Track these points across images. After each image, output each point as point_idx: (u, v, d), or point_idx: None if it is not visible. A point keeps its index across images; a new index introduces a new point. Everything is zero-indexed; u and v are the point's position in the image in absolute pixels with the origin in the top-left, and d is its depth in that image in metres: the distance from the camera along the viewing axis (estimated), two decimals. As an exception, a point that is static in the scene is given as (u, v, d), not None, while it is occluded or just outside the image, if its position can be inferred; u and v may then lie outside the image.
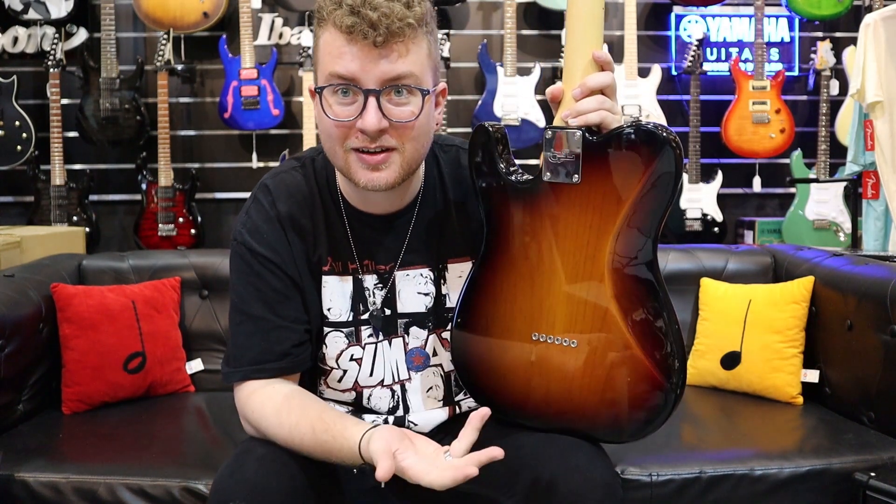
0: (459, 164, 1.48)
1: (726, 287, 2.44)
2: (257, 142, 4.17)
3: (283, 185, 1.43)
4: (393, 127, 1.27)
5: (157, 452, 1.90)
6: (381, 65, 1.23)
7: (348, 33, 1.22)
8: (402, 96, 1.26)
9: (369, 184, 1.30)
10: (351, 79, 1.24)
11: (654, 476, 1.80)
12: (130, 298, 2.28)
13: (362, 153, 1.28)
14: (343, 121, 1.27)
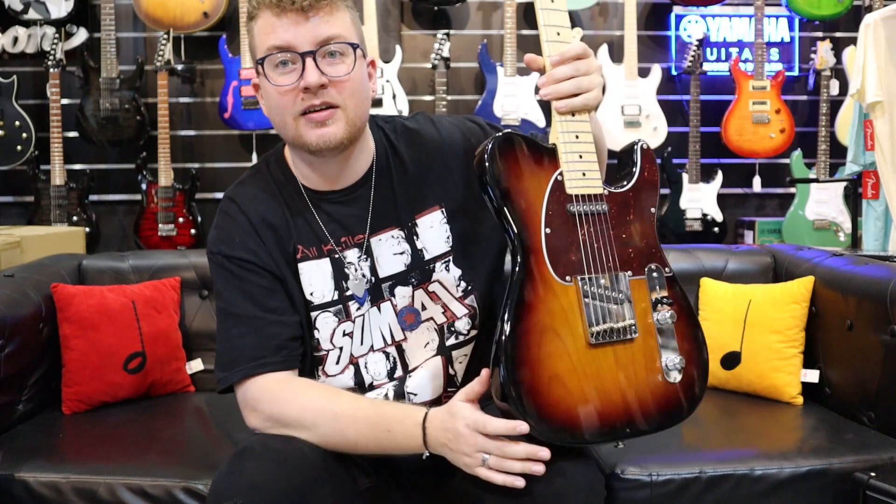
0: (406, 128, 1.55)
1: (726, 287, 2.44)
2: (257, 142, 4.17)
3: (244, 191, 1.50)
4: (332, 84, 1.36)
5: (157, 452, 1.90)
6: (312, 27, 1.34)
7: (277, 7, 1.34)
8: (336, 57, 1.37)
9: (319, 141, 1.38)
10: (287, 47, 1.35)
11: (654, 476, 1.80)
12: (130, 298, 2.28)
13: (309, 113, 1.37)
14: (287, 86, 1.36)
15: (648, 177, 1.43)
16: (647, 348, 1.35)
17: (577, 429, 1.28)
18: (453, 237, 1.52)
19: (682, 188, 4.16)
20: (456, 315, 1.53)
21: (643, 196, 1.42)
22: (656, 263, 1.41)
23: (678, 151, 4.17)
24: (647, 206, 1.41)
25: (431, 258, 1.52)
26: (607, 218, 1.38)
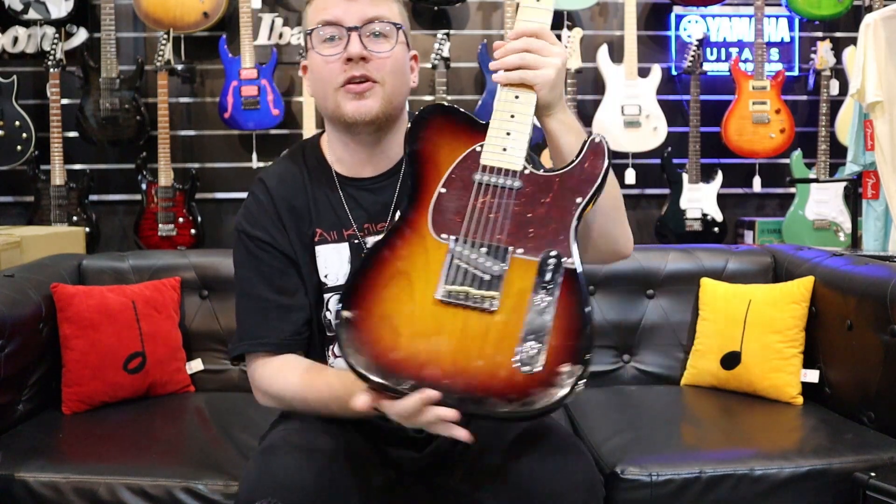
0: None
1: (726, 287, 2.44)
2: (257, 142, 4.17)
3: (275, 174, 1.57)
4: (372, 59, 1.44)
5: (157, 452, 1.90)
6: (360, 6, 1.44)
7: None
8: (379, 37, 1.45)
9: (356, 112, 1.44)
10: (335, 21, 1.44)
11: (654, 476, 1.80)
12: (130, 298, 2.28)
13: (349, 84, 1.44)
14: (331, 55, 1.45)
15: (587, 168, 1.34)
16: (506, 328, 1.22)
17: (391, 374, 1.19)
18: None
19: (682, 188, 4.15)
20: None
21: (572, 185, 1.33)
22: (559, 251, 1.28)
23: (678, 151, 4.17)
24: (572, 196, 1.31)
25: None
26: (515, 194, 1.33)
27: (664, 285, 2.54)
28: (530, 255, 1.27)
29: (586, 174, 1.35)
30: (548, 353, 1.19)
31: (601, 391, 2.39)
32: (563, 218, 1.30)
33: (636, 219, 4.43)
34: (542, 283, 1.25)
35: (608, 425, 2.07)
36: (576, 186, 1.33)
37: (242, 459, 1.82)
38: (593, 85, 4.26)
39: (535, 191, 1.34)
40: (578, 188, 1.33)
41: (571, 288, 1.24)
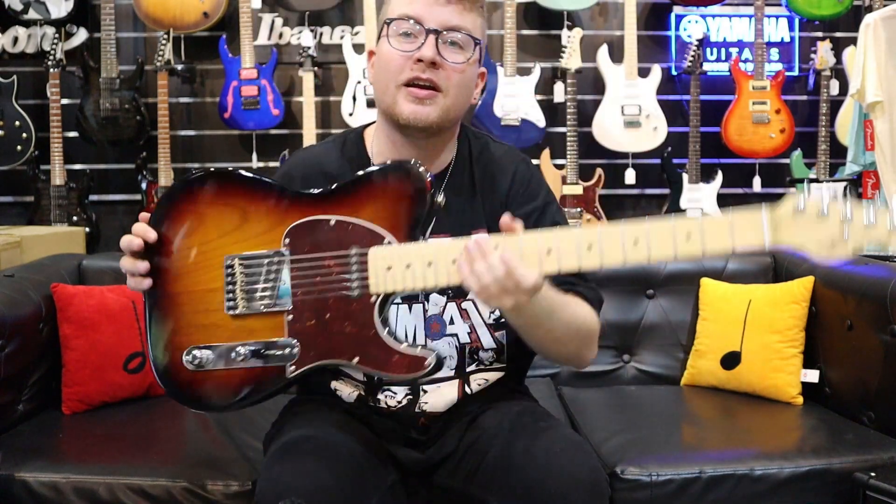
0: (488, 150, 1.58)
1: (726, 287, 2.44)
2: (257, 142, 4.17)
3: (311, 156, 1.59)
4: (443, 67, 1.41)
5: (157, 452, 1.90)
6: (446, 12, 1.42)
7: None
8: (457, 46, 1.43)
9: (412, 116, 1.42)
10: (417, 18, 1.41)
11: (654, 476, 1.80)
12: (130, 298, 2.28)
13: (412, 87, 1.42)
14: (403, 51, 1.42)
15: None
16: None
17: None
18: None
19: (681, 188, 4.15)
20: (482, 344, 1.52)
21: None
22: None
23: (678, 151, 4.17)
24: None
25: None
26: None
27: (664, 285, 2.54)
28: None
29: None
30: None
31: (601, 391, 2.39)
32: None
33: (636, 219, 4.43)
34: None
35: (608, 425, 2.07)
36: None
37: (242, 459, 1.82)
38: (593, 85, 4.26)
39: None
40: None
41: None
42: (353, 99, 4.00)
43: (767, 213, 1.19)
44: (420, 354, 1.29)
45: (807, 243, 1.19)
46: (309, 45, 4.00)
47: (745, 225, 1.19)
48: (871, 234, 1.16)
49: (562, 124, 4.10)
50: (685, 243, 1.21)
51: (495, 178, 1.55)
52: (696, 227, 1.21)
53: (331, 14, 4.22)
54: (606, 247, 1.23)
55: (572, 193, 4.05)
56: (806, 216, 1.18)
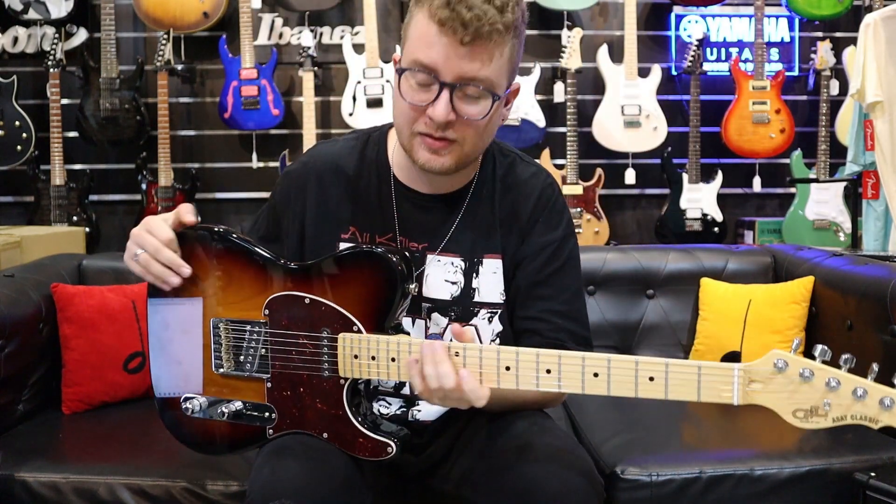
0: (514, 171, 1.53)
1: (726, 287, 2.44)
2: (257, 142, 4.17)
3: (328, 151, 1.54)
4: (459, 122, 1.33)
5: (157, 452, 1.89)
6: (463, 63, 1.29)
7: (440, 25, 1.27)
8: (475, 96, 1.32)
9: (426, 164, 1.37)
10: (432, 68, 1.30)
11: (654, 476, 1.80)
12: (130, 298, 2.28)
13: (426, 136, 1.35)
14: (416, 104, 1.33)
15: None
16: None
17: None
18: (507, 294, 1.50)
19: (682, 188, 4.15)
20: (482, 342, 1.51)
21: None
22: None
23: (678, 151, 4.17)
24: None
25: (480, 302, 1.48)
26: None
27: (664, 285, 2.54)
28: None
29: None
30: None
31: (601, 391, 2.38)
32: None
33: (636, 219, 4.44)
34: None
35: (608, 425, 2.07)
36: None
37: (242, 460, 1.82)
38: (593, 85, 4.26)
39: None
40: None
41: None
42: (353, 99, 4.00)
43: (740, 371, 1.11)
44: (383, 440, 1.32)
45: (781, 407, 1.09)
46: (309, 45, 4.00)
47: (714, 378, 1.13)
48: (858, 407, 1.06)
49: (562, 124, 4.11)
50: (647, 384, 1.19)
51: (518, 203, 1.50)
52: (660, 372, 1.17)
53: (331, 14, 4.22)
54: (565, 374, 1.21)
55: (572, 193, 4.05)
56: (786, 376, 1.09)
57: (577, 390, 1.22)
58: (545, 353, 1.21)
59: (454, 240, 1.47)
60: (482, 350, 1.23)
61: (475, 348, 1.23)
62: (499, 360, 1.23)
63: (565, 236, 1.51)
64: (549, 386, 1.22)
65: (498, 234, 1.49)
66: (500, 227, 1.50)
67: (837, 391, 1.07)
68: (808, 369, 1.09)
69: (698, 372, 1.14)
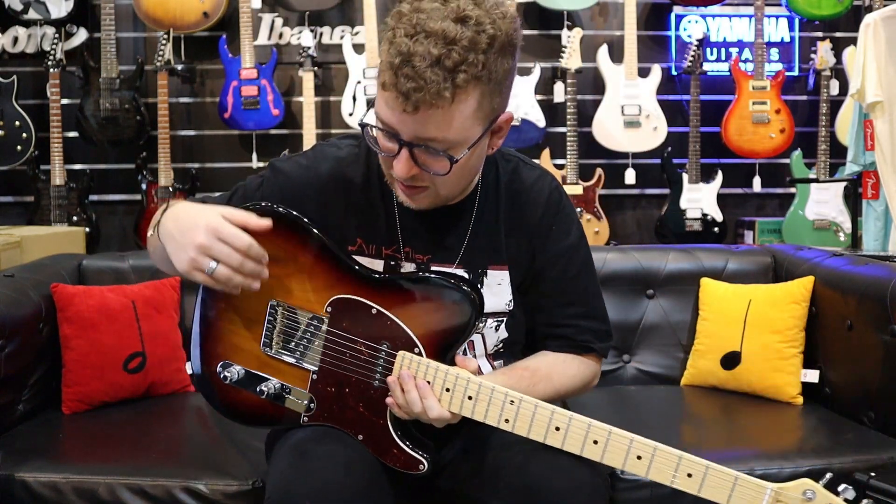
0: (518, 177, 1.50)
1: (726, 287, 2.44)
2: (257, 142, 4.17)
3: (334, 157, 1.48)
4: (426, 174, 1.29)
5: (157, 452, 1.90)
6: (417, 127, 1.23)
7: (384, 89, 1.23)
8: (436, 154, 1.27)
9: (406, 203, 1.37)
10: (390, 127, 1.26)
11: (654, 476, 1.80)
12: (130, 298, 2.28)
13: (401, 183, 1.33)
14: (385, 155, 1.31)
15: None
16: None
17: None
18: (514, 304, 1.50)
19: (682, 188, 4.16)
20: (481, 371, 1.48)
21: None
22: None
23: (678, 151, 4.17)
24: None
25: (487, 312, 1.46)
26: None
27: (664, 285, 2.54)
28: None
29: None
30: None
31: (601, 391, 2.38)
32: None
33: (636, 219, 4.44)
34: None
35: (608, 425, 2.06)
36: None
37: (242, 459, 1.82)
38: (593, 85, 4.26)
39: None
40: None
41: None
42: (353, 99, 4.00)
43: (772, 492, 1.18)
44: (417, 456, 1.35)
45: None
46: (309, 45, 4.00)
47: (747, 491, 1.19)
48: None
49: (562, 124, 4.11)
50: (685, 479, 1.26)
51: (524, 210, 1.48)
52: (699, 472, 1.24)
53: (331, 14, 4.22)
54: (610, 449, 1.28)
55: (572, 193, 4.05)
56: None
57: (618, 465, 1.28)
58: (596, 425, 1.26)
59: (458, 251, 1.46)
60: (537, 406, 1.27)
61: (531, 402, 1.27)
62: (550, 421, 1.27)
63: (579, 239, 1.52)
64: (593, 455, 1.27)
65: (503, 245, 1.48)
66: (505, 236, 1.49)
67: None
68: (836, 501, 1.17)
69: (734, 482, 1.21)
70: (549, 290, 1.49)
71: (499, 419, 1.29)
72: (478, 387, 1.29)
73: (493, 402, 1.28)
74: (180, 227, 1.29)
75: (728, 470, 1.21)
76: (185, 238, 1.27)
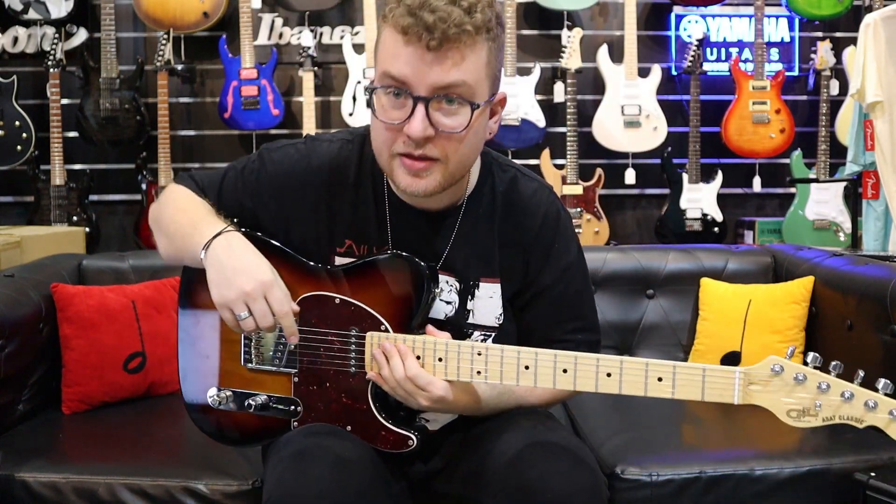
0: (516, 188, 1.48)
1: (726, 287, 2.44)
2: (257, 142, 4.17)
3: (325, 153, 1.46)
4: (439, 136, 1.26)
5: (157, 452, 1.90)
6: (434, 71, 1.22)
7: (404, 34, 1.21)
8: (453, 106, 1.25)
9: (408, 188, 1.31)
10: (402, 82, 1.24)
11: (654, 476, 1.80)
12: (130, 298, 2.28)
13: (405, 157, 1.29)
14: (392, 123, 1.27)
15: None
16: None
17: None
18: (505, 318, 1.49)
19: (681, 188, 4.15)
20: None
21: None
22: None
23: (678, 151, 4.17)
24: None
25: (475, 324, 1.48)
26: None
27: (664, 285, 2.54)
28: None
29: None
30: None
31: (601, 391, 2.38)
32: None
33: (636, 219, 4.44)
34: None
35: (608, 425, 2.07)
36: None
37: (242, 459, 1.82)
38: (593, 85, 4.26)
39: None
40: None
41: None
42: (353, 99, 4.00)
43: (741, 374, 1.21)
44: (404, 433, 1.39)
45: (777, 407, 1.21)
46: (309, 45, 4.00)
47: (717, 380, 1.22)
48: (846, 408, 1.19)
49: (562, 124, 4.11)
50: (656, 384, 1.27)
51: (521, 224, 1.46)
52: (668, 373, 1.25)
53: (331, 14, 4.22)
54: (580, 374, 1.28)
55: (572, 193, 4.05)
56: (781, 379, 1.21)
57: (590, 389, 1.29)
58: (562, 355, 1.29)
59: (449, 259, 1.45)
60: (503, 350, 1.31)
61: (497, 349, 1.31)
62: (519, 360, 1.30)
63: (578, 253, 1.52)
64: (565, 384, 1.29)
65: (496, 257, 1.47)
66: (499, 248, 1.47)
67: (827, 393, 1.20)
68: (801, 373, 1.20)
69: (703, 374, 1.23)
70: (550, 309, 1.49)
71: (471, 373, 1.32)
72: (445, 346, 1.33)
73: (461, 358, 1.32)
74: (234, 265, 1.33)
75: (694, 364, 1.26)
76: (235, 278, 1.31)
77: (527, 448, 1.33)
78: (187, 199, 1.49)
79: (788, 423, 1.20)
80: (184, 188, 1.53)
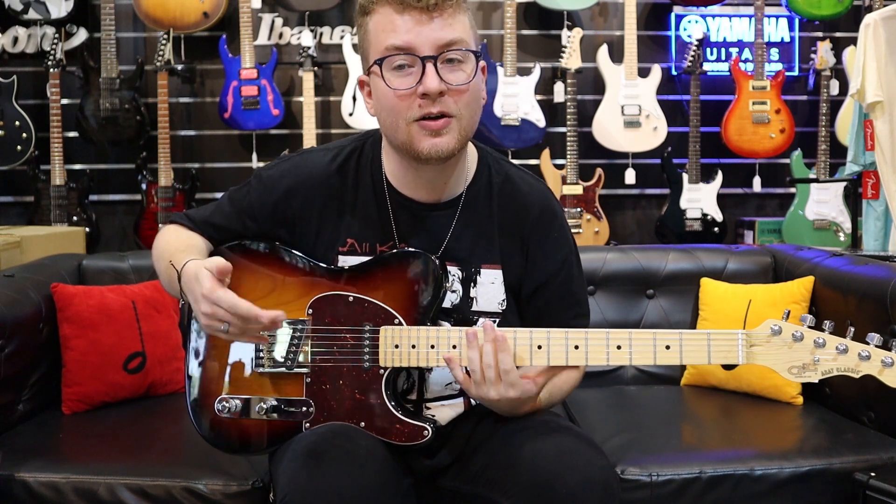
0: (511, 180, 1.53)
1: (726, 287, 2.44)
2: (257, 142, 4.17)
3: (319, 163, 1.51)
4: (450, 92, 1.34)
5: (157, 452, 1.90)
6: (435, 30, 1.32)
7: (399, 4, 1.31)
8: (455, 64, 1.34)
9: (432, 150, 1.36)
10: (407, 48, 1.32)
11: (654, 476, 1.80)
12: (130, 298, 2.28)
13: (424, 120, 1.35)
14: (404, 90, 1.34)
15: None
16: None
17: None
18: (507, 303, 1.52)
19: (682, 188, 4.15)
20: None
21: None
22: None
23: (678, 151, 4.17)
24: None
25: (479, 311, 1.50)
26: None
27: (664, 285, 2.54)
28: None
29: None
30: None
31: (601, 391, 2.39)
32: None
33: (636, 219, 4.44)
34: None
35: (608, 425, 2.07)
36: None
37: (242, 459, 1.82)
38: (593, 85, 4.26)
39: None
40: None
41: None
42: (354, 99, 4.01)
43: (743, 336, 1.30)
44: (419, 424, 1.41)
45: (778, 365, 1.30)
46: (309, 45, 4.00)
47: (721, 343, 1.31)
48: (842, 360, 1.28)
49: (562, 124, 4.11)
50: (664, 352, 1.33)
51: (518, 214, 1.51)
52: (675, 341, 1.32)
53: (331, 14, 4.22)
54: (592, 349, 1.35)
55: (572, 193, 4.05)
56: (781, 338, 1.30)
57: (602, 363, 1.35)
58: (573, 332, 1.36)
59: (452, 248, 1.48)
60: (516, 332, 1.36)
61: (509, 330, 1.36)
62: (531, 340, 1.36)
63: (572, 244, 1.57)
64: (578, 360, 1.35)
65: (497, 244, 1.50)
66: (499, 235, 1.50)
67: (824, 348, 1.29)
68: (798, 331, 1.29)
69: (708, 339, 1.32)
70: (554, 299, 1.54)
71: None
72: (458, 335, 1.37)
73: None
74: (190, 296, 1.36)
75: (698, 331, 1.34)
76: (196, 307, 1.34)
77: (538, 443, 1.34)
78: (167, 240, 1.53)
79: (790, 379, 1.29)
80: (171, 227, 1.57)
